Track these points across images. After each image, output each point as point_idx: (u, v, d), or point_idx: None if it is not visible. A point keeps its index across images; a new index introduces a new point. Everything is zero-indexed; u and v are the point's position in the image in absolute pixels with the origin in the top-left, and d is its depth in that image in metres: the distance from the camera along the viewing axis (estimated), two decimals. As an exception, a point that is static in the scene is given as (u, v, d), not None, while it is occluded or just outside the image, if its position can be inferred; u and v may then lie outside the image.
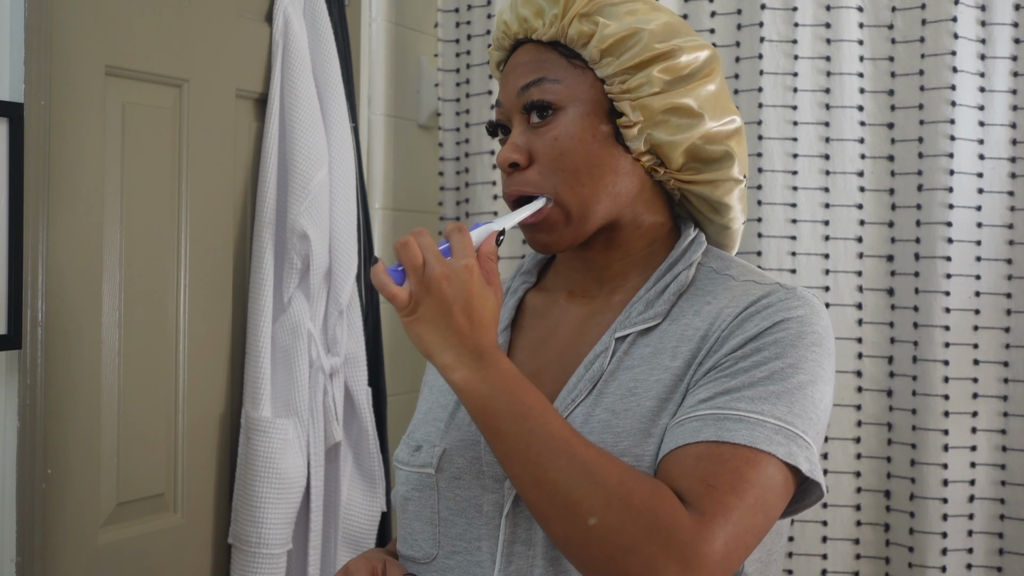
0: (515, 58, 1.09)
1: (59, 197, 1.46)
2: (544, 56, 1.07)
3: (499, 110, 1.09)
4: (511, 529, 1.01)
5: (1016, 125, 1.88)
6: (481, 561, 1.02)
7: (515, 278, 1.18)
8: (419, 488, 1.08)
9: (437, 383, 1.15)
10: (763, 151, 1.92)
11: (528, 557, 1.00)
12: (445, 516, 1.05)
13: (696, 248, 1.09)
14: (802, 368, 0.97)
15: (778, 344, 0.97)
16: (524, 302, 1.16)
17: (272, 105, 1.74)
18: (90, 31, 1.50)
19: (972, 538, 1.86)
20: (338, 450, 1.82)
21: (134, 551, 1.59)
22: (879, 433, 1.92)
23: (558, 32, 1.06)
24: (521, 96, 1.06)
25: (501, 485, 1.02)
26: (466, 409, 0.97)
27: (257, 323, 1.71)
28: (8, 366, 1.43)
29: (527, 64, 1.07)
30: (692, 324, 1.03)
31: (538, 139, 1.05)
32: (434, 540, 1.06)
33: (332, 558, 1.81)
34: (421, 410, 1.16)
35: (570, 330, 1.10)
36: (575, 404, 1.02)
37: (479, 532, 1.03)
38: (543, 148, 1.04)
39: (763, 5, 1.92)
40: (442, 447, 1.07)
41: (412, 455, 1.09)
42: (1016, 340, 1.87)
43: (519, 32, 1.09)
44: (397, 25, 2.19)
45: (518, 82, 1.06)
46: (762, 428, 0.93)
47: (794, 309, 0.99)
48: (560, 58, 1.06)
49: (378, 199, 2.14)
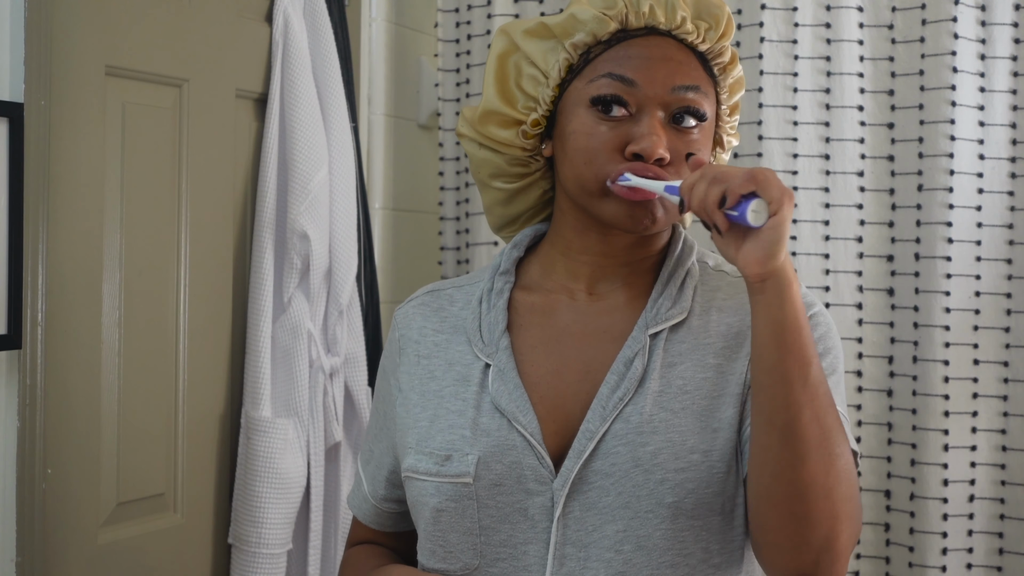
0: (658, 48, 1.06)
1: (59, 197, 1.46)
2: (692, 62, 1.07)
3: (628, 90, 1.05)
4: (562, 531, 1.01)
5: (1016, 125, 1.88)
6: (529, 566, 1.02)
7: (494, 278, 1.14)
8: (455, 499, 1.04)
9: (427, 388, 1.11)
10: (763, 151, 1.92)
11: (580, 559, 1.00)
12: (487, 524, 1.03)
13: (692, 246, 1.13)
14: (840, 356, 1.07)
15: (822, 339, 1.06)
16: (513, 301, 1.13)
17: (272, 105, 1.74)
18: (90, 31, 1.50)
19: (972, 538, 1.86)
20: (338, 450, 1.82)
21: (134, 551, 1.59)
22: (879, 433, 1.92)
23: (714, 48, 1.09)
24: (676, 94, 1.04)
25: (548, 487, 1.02)
26: (782, 319, 0.95)
27: (257, 323, 1.71)
28: (8, 366, 1.43)
29: (682, 64, 1.06)
30: (723, 320, 1.07)
31: (679, 143, 1.05)
32: (475, 550, 1.04)
33: (332, 558, 1.81)
34: (422, 417, 1.10)
35: (583, 328, 1.09)
36: (623, 402, 1.02)
37: (525, 536, 1.02)
38: (683, 153, 1.05)
39: (763, 5, 1.92)
40: (475, 455, 1.04)
41: (441, 465, 1.05)
42: (1016, 340, 1.87)
43: (664, 23, 1.06)
44: (397, 25, 2.19)
45: (674, 78, 1.05)
46: (845, 424, 1.01)
47: (814, 304, 1.09)
48: (705, 73, 1.08)
49: (378, 199, 2.14)
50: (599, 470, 1.01)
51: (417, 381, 1.12)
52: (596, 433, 1.01)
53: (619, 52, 1.06)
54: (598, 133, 1.04)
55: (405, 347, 1.15)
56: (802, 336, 0.94)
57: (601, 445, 1.01)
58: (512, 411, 1.04)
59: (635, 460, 1.00)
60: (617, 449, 1.01)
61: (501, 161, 1.14)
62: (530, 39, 1.10)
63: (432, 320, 1.15)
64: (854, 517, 0.97)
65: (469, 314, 1.13)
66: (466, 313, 1.14)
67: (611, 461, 1.01)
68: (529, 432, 1.03)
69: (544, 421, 1.04)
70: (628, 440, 1.01)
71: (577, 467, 1.01)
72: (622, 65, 1.05)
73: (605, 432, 1.01)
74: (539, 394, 1.06)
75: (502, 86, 1.12)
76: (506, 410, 1.05)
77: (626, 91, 1.04)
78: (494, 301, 1.12)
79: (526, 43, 1.10)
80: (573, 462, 1.01)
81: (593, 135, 1.05)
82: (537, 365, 1.08)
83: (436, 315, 1.16)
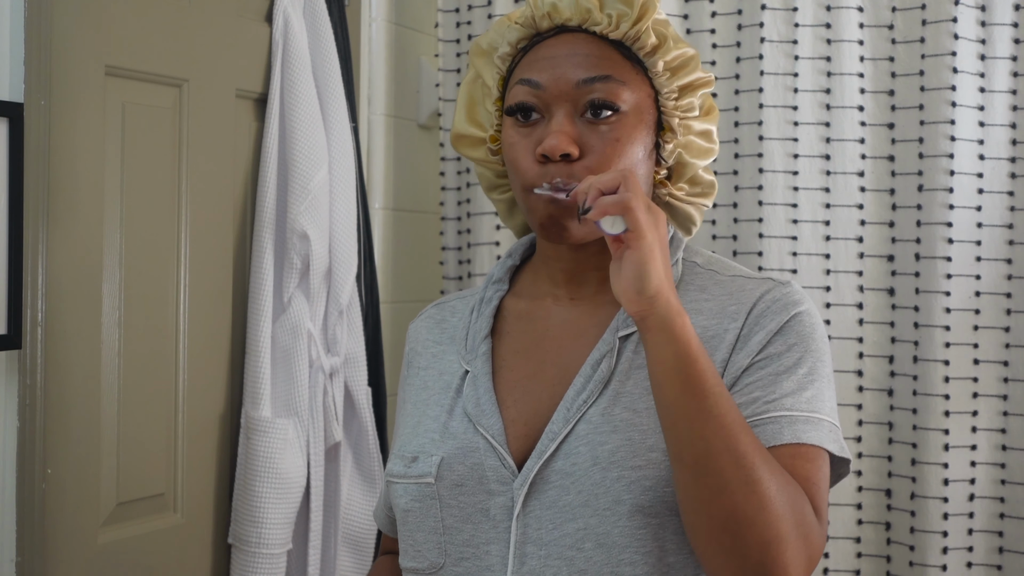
0: (564, 45, 1.06)
1: (59, 197, 1.46)
2: (606, 53, 1.05)
3: (535, 93, 1.05)
4: (522, 530, 1.01)
5: (1016, 125, 1.88)
6: (491, 565, 1.03)
7: (487, 288, 1.17)
8: (419, 499, 1.07)
9: (419, 397, 1.15)
10: (764, 151, 1.92)
11: (540, 557, 1.01)
12: (450, 524, 1.05)
13: (677, 246, 1.12)
14: (824, 360, 1.04)
15: (804, 339, 1.02)
16: (502, 309, 1.15)
17: (272, 105, 1.74)
18: (90, 31, 1.50)
19: (972, 537, 1.86)
20: (338, 450, 1.82)
21: (134, 551, 1.59)
22: (880, 432, 1.92)
23: (630, 34, 1.05)
24: (582, 88, 1.03)
25: (508, 488, 1.03)
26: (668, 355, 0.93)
27: (257, 323, 1.71)
28: (8, 366, 1.43)
29: (588, 56, 1.04)
30: (698, 323, 1.05)
31: (594, 135, 1.03)
32: (440, 549, 1.05)
33: (332, 558, 1.81)
34: (407, 424, 1.14)
35: (562, 332, 1.10)
36: (587, 405, 1.03)
37: (487, 536, 1.03)
38: (599, 145, 1.03)
39: (763, 5, 1.92)
40: (439, 456, 1.06)
41: (408, 467, 1.08)
42: (1016, 340, 1.87)
43: (571, 19, 1.06)
44: (397, 25, 2.19)
45: (578, 73, 1.04)
46: (822, 426, 1.00)
47: (801, 303, 1.05)
48: (624, 60, 1.06)
49: (378, 199, 2.14)
50: (560, 469, 1.01)
51: (413, 392, 1.17)
52: (559, 434, 1.02)
53: (531, 57, 1.08)
54: (517, 142, 1.06)
55: (412, 360, 1.20)
56: (696, 369, 0.92)
57: (564, 445, 1.02)
58: (476, 414, 1.06)
59: (594, 459, 1.00)
60: (578, 449, 1.01)
61: (490, 175, 1.18)
62: (477, 58, 1.14)
63: (434, 332, 1.19)
64: (801, 535, 0.93)
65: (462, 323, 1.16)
66: (462, 323, 1.17)
67: (572, 461, 1.01)
68: (491, 434, 1.04)
69: (515, 424, 1.05)
70: (589, 440, 1.01)
71: (537, 467, 1.02)
72: (531, 68, 1.07)
73: (568, 433, 1.02)
74: (513, 398, 1.07)
75: (470, 110, 1.15)
76: (471, 414, 1.07)
77: (534, 94, 1.05)
78: (483, 309, 1.15)
79: (476, 62, 1.14)
80: (534, 462, 1.02)
81: (514, 144, 1.06)
82: (515, 370, 1.09)
83: (438, 327, 1.20)
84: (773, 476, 0.92)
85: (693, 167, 1.11)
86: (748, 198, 1.92)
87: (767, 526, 0.91)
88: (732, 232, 1.95)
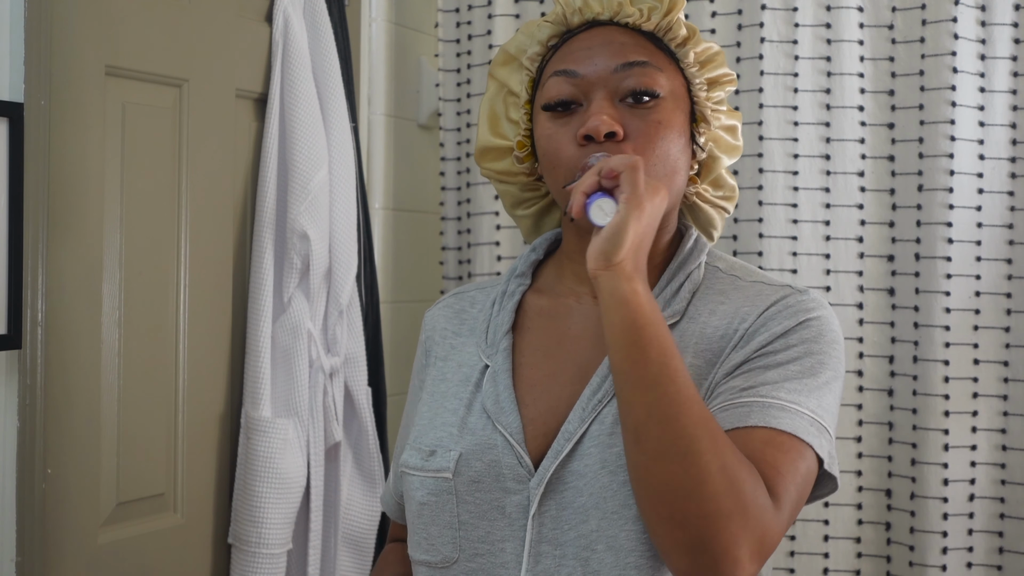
0: (598, 36, 1.07)
1: (59, 197, 1.46)
2: (641, 42, 1.07)
3: (573, 82, 1.06)
4: (537, 529, 1.02)
5: (1016, 125, 1.88)
6: (506, 563, 1.03)
7: (509, 281, 1.17)
8: (436, 493, 1.06)
9: (437, 388, 1.15)
10: (764, 151, 1.92)
11: (555, 557, 1.01)
12: (465, 520, 1.05)
13: (701, 249, 1.12)
14: (828, 365, 1.02)
15: (806, 342, 1.01)
16: (524, 304, 1.15)
17: (272, 105, 1.74)
18: (90, 31, 1.50)
19: (972, 537, 1.86)
20: (338, 450, 1.82)
21: (134, 551, 1.59)
22: (880, 432, 1.92)
23: (662, 24, 1.07)
24: (620, 73, 1.04)
25: (525, 486, 1.03)
26: (615, 319, 0.94)
27: (257, 323, 1.71)
28: (8, 366, 1.43)
29: (624, 44, 1.06)
30: (710, 323, 1.05)
31: (636, 119, 1.04)
32: (454, 544, 1.05)
33: (332, 558, 1.81)
34: (424, 416, 1.14)
35: (583, 332, 1.10)
36: (603, 404, 1.02)
37: (503, 534, 1.03)
38: (643, 128, 1.03)
39: (763, 5, 1.92)
40: (457, 451, 1.06)
41: (426, 460, 1.08)
42: (1016, 340, 1.87)
43: (602, 13, 1.08)
44: (397, 25, 2.19)
45: (616, 59, 1.05)
46: (801, 419, 0.97)
47: (814, 310, 1.04)
48: (657, 50, 1.07)
49: (378, 199, 2.14)
50: (575, 470, 1.01)
51: (431, 382, 1.16)
52: (574, 434, 1.02)
53: (563, 51, 1.09)
54: (555, 132, 1.06)
55: (431, 348, 1.19)
56: (642, 336, 0.93)
57: (579, 446, 1.02)
58: (495, 411, 1.06)
59: (602, 461, 1.00)
60: (590, 451, 1.01)
61: (515, 190, 1.18)
62: (500, 68, 1.14)
63: (453, 322, 1.19)
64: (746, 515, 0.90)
65: (482, 316, 1.16)
66: (482, 315, 1.16)
67: (585, 462, 1.01)
68: (509, 432, 1.04)
69: (534, 423, 1.05)
70: (599, 441, 1.01)
71: (553, 467, 1.02)
72: (566, 60, 1.08)
73: (583, 433, 1.02)
74: (532, 396, 1.07)
75: (492, 124, 1.16)
76: (490, 410, 1.07)
77: (572, 83, 1.06)
78: (505, 303, 1.15)
79: (499, 72, 1.14)
80: (550, 462, 1.02)
81: (552, 136, 1.06)
82: (535, 368, 1.09)
83: (457, 317, 1.19)
84: (718, 453, 0.90)
85: (721, 163, 1.13)
86: (748, 198, 1.92)
87: (704, 500, 0.89)
88: (732, 232, 1.95)
